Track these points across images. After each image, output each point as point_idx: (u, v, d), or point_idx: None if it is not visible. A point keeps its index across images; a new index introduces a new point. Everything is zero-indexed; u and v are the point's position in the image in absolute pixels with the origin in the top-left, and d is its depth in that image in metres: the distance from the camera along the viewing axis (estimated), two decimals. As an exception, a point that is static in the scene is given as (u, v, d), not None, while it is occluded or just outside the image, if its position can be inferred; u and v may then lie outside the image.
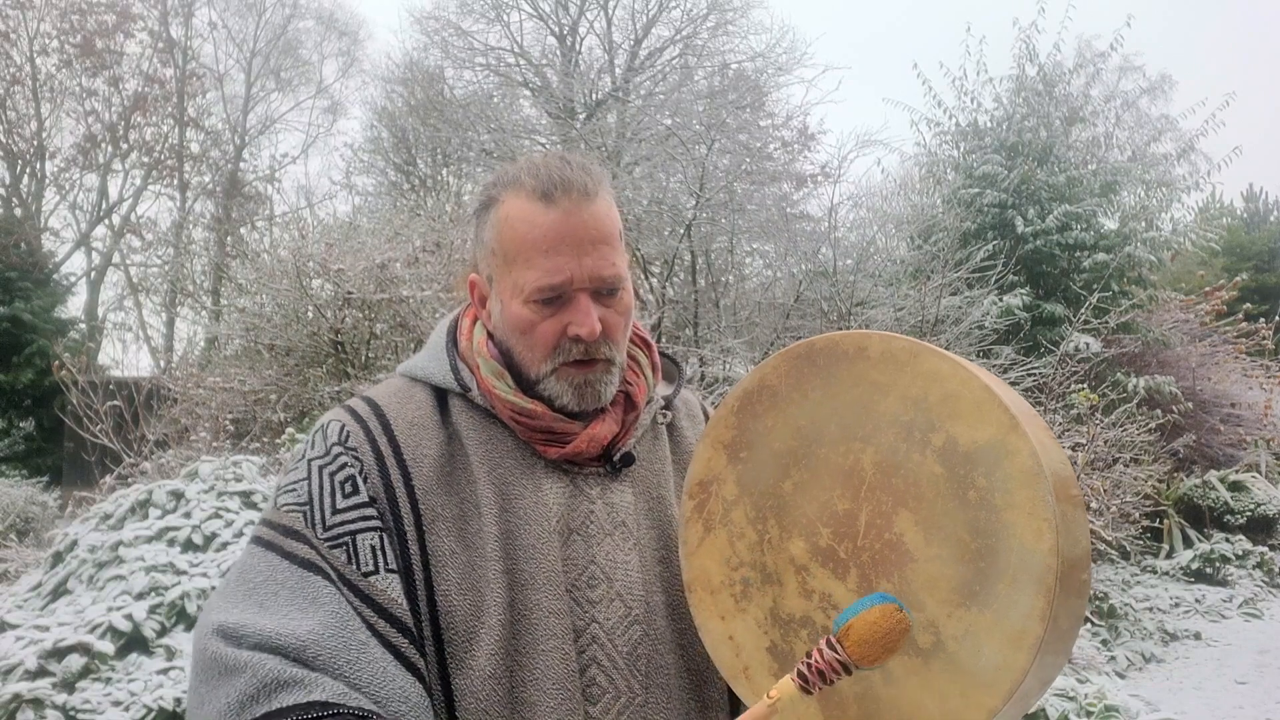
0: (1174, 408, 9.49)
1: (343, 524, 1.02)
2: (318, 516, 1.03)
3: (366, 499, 1.04)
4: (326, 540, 1.01)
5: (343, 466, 1.06)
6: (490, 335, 1.16)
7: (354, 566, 1.00)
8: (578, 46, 15.70)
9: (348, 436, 1.08)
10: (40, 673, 3.54)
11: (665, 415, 1.22)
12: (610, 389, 1.12)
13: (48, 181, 18.96)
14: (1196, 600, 8.60)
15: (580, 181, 1.08)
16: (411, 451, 1.08)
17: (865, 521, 0.95)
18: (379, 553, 1.01)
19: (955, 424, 0.90)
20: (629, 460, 1.14)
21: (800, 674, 0.91)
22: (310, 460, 1.08)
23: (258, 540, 1.05)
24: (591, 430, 1.11)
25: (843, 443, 0.97)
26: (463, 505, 1.07)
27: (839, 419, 0.98)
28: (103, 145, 19.02)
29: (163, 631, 3.91)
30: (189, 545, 4.46)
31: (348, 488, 1.04)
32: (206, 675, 0.95)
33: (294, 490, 1.06)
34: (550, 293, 1.07)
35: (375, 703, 0.93)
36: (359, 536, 1.02)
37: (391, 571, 1.01)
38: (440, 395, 1.15)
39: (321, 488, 1.05)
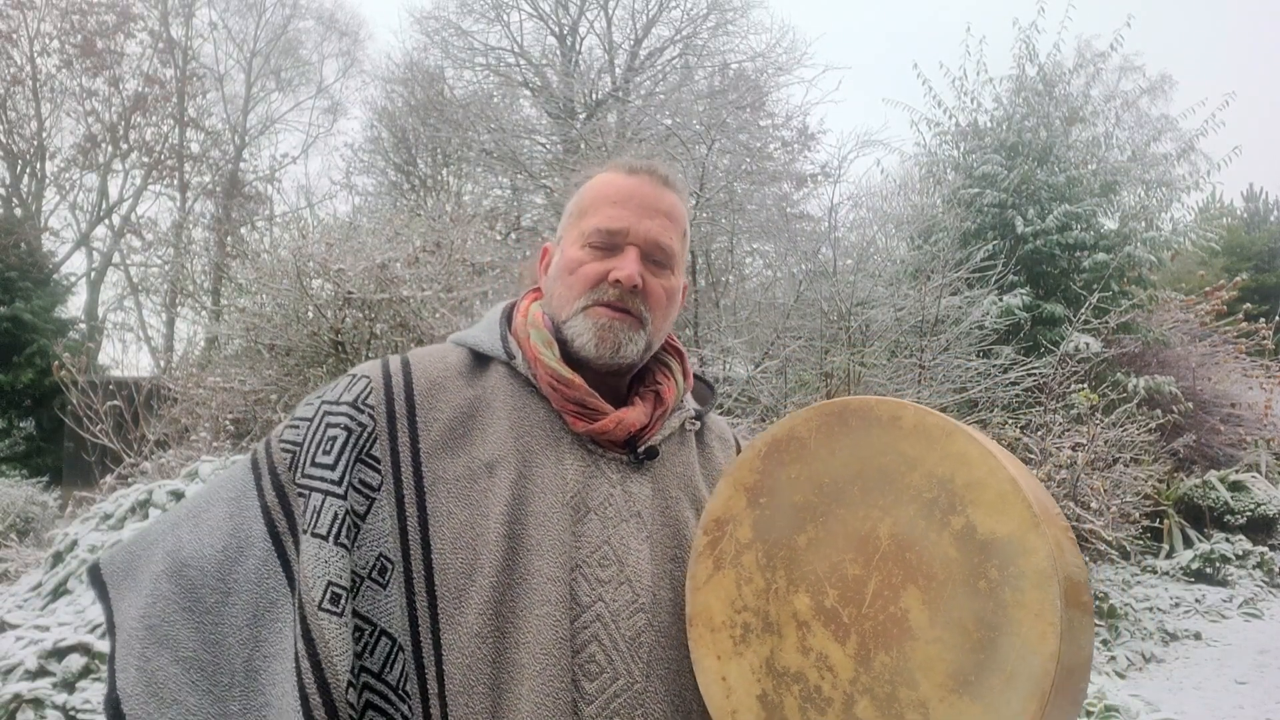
0: (1174, 408, 9.49)
1: (310, 477, 1.07)
2: (301, 460, 1.08)
3: (333, 461, 1.08)
4: (300, 486, 1.07)
5: (346, 427, 1.09)
6: (543, 313, 1.22)
7: (302, 520, 1.05)
8: (578, 46, 15.70)
9: (369, 394, 1.12)
10: (40, 673, 3.54)
11: (694, 424, 1.25)
12: (632, 349, 1.16)
13: (48, 181, 18.97)
14: (1196, 600, 8.59)
15: (664, 172, 1.22)
16: (425, 415, 1.12)
17: (873, 590, 0.95)
18: (315, 514, 1.05)
19: (976, 511, 0.91)
20: (652, 454, 1.16)
21: None
22: (324, 403, 1.13)
23: (253, 457, 1.12)
24: (622, 414, 1.14)
25: (862, 508, 0.98)
26: (471, 465, 1.09)
27: (862, 483, 0.99)
28: (103, 145, 19.02)
29: (163, 631, 3.90)
30: (189, 545, 4.46)
31: (328, 445, 1.09)
32: (132, 567, 1.09)
33: (296, 428, 1.12)
34: (606, 236, 1.16)
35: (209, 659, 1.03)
36: (314, 494, 1.06)
37: (316, 536, 1.03)
38: (480, 361, 1.19)
39: (315, 434, 1.10)
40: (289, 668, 1.00)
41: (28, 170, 18.69)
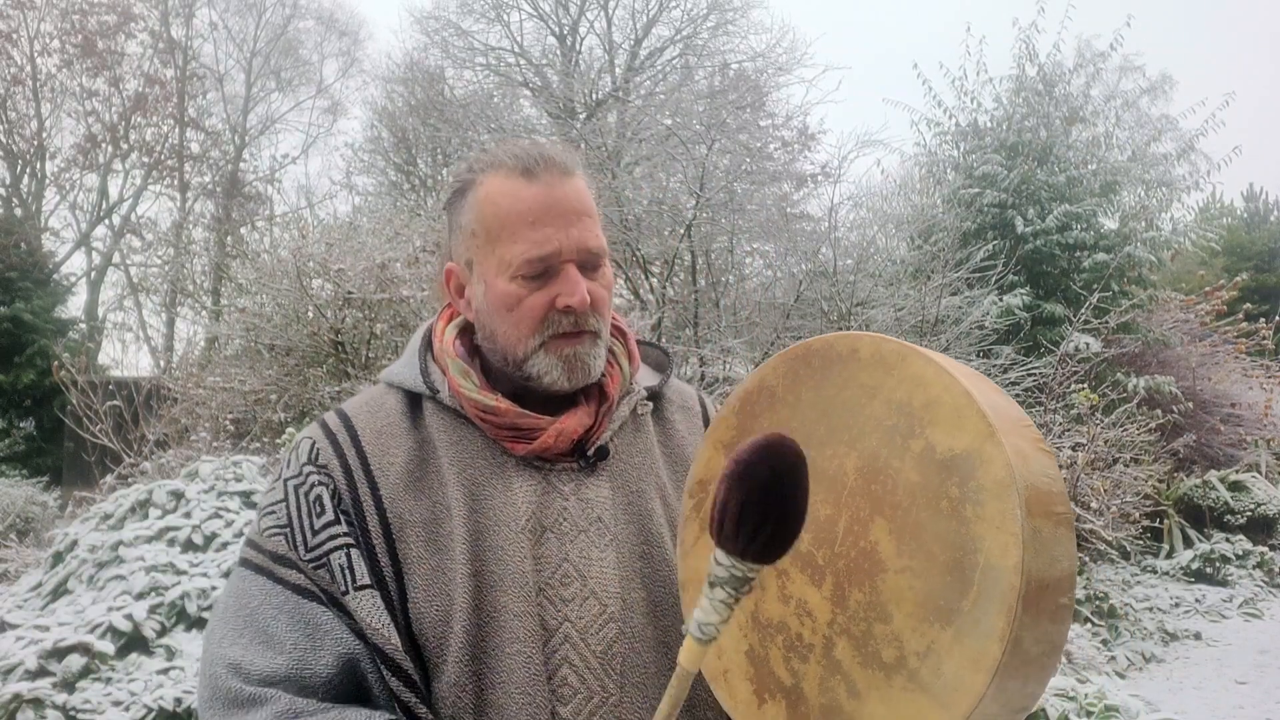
0: (1174, 408, 9.48)
1: (320, 544, 1.05)
2: (299, 539, 1.05)
3: (333, 516, 1.05)
4: (310, 561, 1.04)
5: (313, 485, 1.07)
6: (461, 332, 1.16)
7: (336, 585, 1.03)
8: (578, 46, 15.71)
9: (318, 454, 1.09)
10: (40, 673, 3.54)
11: (646, 406, 1.19)
12: (598, 363, 1.11)
13: (48, 181, 18.98)
14: (1196, 600, 8.59)
15: (560, 159, 1.10)
16: (378, 460, 1.08)
17: (843, 528, 0.92)
18: (345, 571, 1.03)
19: (934, 430, 0.86)
20: (603, 454, 1.12)
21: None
22: (286, 480, 1.09)
23: (248, 564, 1.07)
24: (560, 424, 1.09)
25: (829, 446, 0.94)
26: (434, 508, 1.06)
27: (828, 422, 0.95)
28: (103, 145, 19.04)
29: (163, 631, 3.91)
30: (189, 545, 4.47)
31: (318, 507, 1.06)
32: (224, 708, 0.99)
33: (274, 513, 1.08)
34: (539, 265, 1.06)
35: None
36: (331, 556, 1.04)
37: (361, 588, 1.02)
38: (414, 400, 1.15)
39: (299, 507, 1.06)
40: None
41: (28, 170, 18.71)
